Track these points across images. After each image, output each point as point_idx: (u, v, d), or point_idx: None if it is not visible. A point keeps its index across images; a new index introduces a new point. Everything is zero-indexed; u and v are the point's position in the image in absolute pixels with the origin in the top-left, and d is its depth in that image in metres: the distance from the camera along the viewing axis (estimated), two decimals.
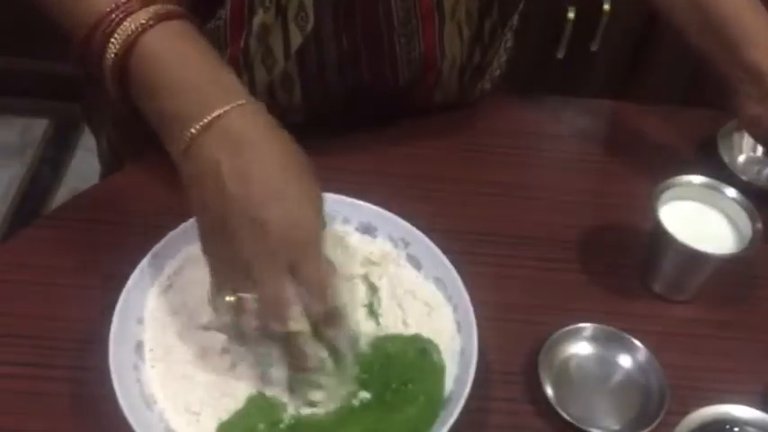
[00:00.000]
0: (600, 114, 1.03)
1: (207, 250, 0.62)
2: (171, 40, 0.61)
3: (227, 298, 0.59)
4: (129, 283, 0.67)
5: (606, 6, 1.53)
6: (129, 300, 0.67)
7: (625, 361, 0.74)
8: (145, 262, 0.69)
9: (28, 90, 2.01)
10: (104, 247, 0.77)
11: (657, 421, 0.69)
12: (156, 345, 0.66)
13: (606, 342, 0.75)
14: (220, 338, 0.65)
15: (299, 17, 0.78)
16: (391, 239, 0.74)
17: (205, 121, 0.58)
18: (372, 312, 0.70)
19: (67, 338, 0.71)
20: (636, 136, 0.95)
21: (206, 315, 0.64)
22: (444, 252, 0.72)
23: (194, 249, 0.71)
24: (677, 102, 1.05)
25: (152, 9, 0.61)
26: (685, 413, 0.69)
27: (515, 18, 0.93)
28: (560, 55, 1.57)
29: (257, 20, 0.77)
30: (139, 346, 0.66)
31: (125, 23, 0.60)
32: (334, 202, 0.74)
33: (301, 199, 0.59)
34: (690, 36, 0.84)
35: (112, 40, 0.60)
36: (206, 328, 0.65)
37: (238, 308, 0.59)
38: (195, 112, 0.58)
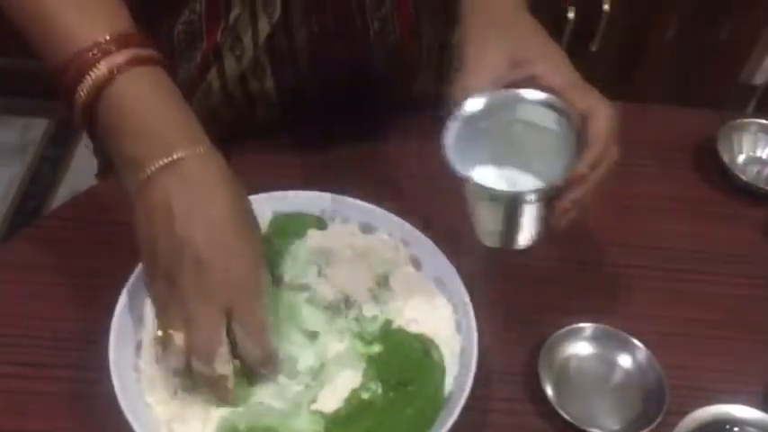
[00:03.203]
0: None
1: (149, 287, 0.63)
2: (140, 88, 0.61)
3: (157, 332, 0.62)
4: (129, 283, 0.67)
5: (606, 6, 1.53)
6: (129, 300, 0.67)
7: (625, 361, 0.74)
8: None
9: (28, 90, 2.01)
10: (104, 247, 0.77)
11: (657, 421, 0.69)
12: (156, 345, 0.66)
13: (606, 342, 0.75)
14: None
15: (267, 5, 0.79)
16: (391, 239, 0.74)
17: (161, 163, 0.59)
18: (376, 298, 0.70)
19: (68, 338, 0.71)
20: (635, 136, 0.95)
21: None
22: (444, 252, 0.72)
23: None
24: (677, 102, 1.05)
25: (128, 53, 0.61)
26: (685, 413, 0.69)
27: None
28: None
29: (233, 14, 0.78)
30: (139, 346, 0.66)
31: (99, 65, 0.60)
32: (335, 202, 0.74)
33: (245, 245, 0.61)
34: None
35: (85, 79, 0.60)
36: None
37: (164, 344, 0.61)
38: (154, 154, 0.60)
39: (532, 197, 0.64)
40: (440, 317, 0.70)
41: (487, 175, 0.66)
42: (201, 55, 0.81)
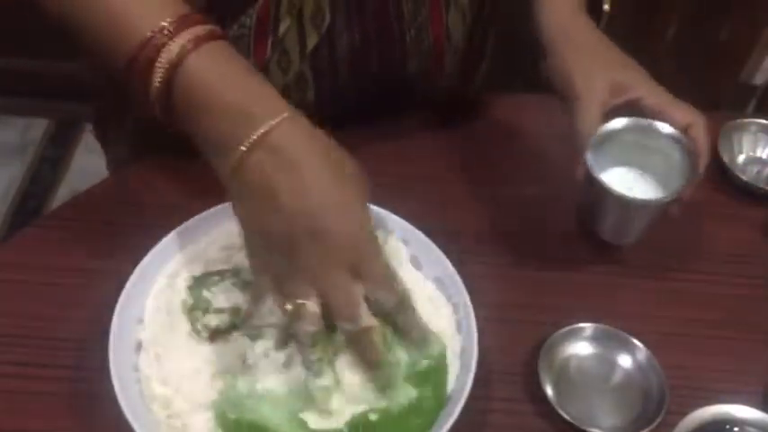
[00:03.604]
0: None
1: (260, 265, 0.63)
2: (213, 63, 0.61)
3: (287, 306, 0.60)
4: (129, 283, 0.67)
5: (606, 6, 1.53)
6: (129, 300, 0.67)
7: (625, 361, 0.74)
8: (145, 262, 0.69)
9: (28, 90, 2.01)
10: (104, 247, 0.77)
11: (657, 421, 0.69)
12: (155, 345, 0.66)
13: (606, 342, 0.75)
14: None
15: (316, 17, 0.79)
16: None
17: (253, 138, 0.58)
18: None
19: (67, 338, 0.71)
20: None
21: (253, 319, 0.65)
22: (444, 252, 0.72)
23: (195, 248, 0.71)
24: None
25: (192, 32, 0.60)
26: (685, 413, 0.69)
27: None
28: None
29: (282, 27, 0.78)
30: (139, 346, 0.66)
31: (168, 48, 0.59)
32: None
33: (355, 204, 0.61)
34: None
35: (157, 65, 0.60)
36: (249, 331, 0.65)
37: (296, 314, 0.60)
38: (242, 131, 0.59)
39: (663, 203, 0.77)
40: (440, 317, 0.70)
41: (613, 181, 0.77)
42: None
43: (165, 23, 0.60)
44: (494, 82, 1.03)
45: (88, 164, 1.05)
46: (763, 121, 0.95)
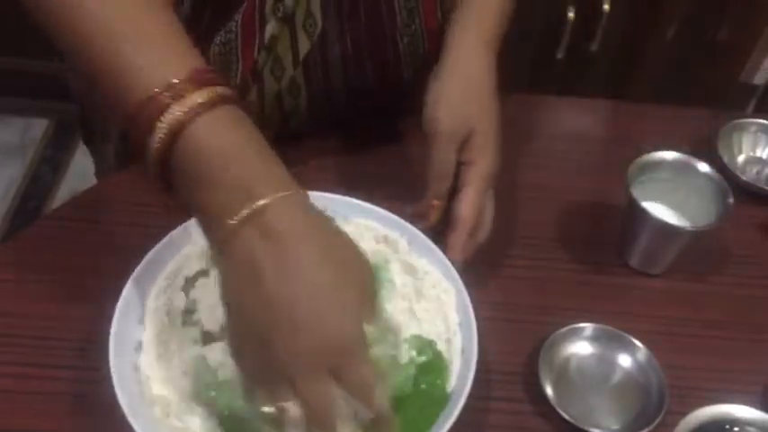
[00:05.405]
0: (599, 114, 1.03)
1: (239, 352, 0.58)
2: (217, 131, 0.56)
3: (266, 409, 0.56)
4: (129, 283, 0.67)
5: (606, 6, 1.53)
6: (129, 300, 0.67)
7: (625, 361, 0.74)
8: (145, 262, 0.69)
9: (28, 90, 2.01)
10: (104, 247, 0.77)
11: (657, 421, 0.69)
12: (156, 345, 0.66)
13: (606, 342, 0.75)
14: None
15: (306, 23, 0.78)
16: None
17: (245, 213, 0.54)
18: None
19: (67, 338, 0.71)
20: (635, 136, 0.95)
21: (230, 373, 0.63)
22: (444, 252, 0.72)
23: (194, 249, 0.71)
24: (677, 102, 1.05)
25: (203, 94, 0.56)
26: (685, 413, 0.69)
27: None
28: (560, 55, 1.57)
29: (269, 30, 0.77)
30: (139, 347, 0.66)
31: (173, 108, 0.55)
32: (336, 203, 0.74)
33: (344, 301, 0.55)
34: None
35: (159, 124, 0.55)
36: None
37: (280, 418, 0.56)
38: (236, 204, 0.54)
39: (698, 232, 0.79)
40: (441, 316, 0.70)
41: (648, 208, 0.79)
42: (241, 77, 0.80)
43: (175, 80, 0.56)
44: None
45: (88, 164, 1.05)
46: (763, 121, 0.95)
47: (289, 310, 0.53)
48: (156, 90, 0.55)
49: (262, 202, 0.54)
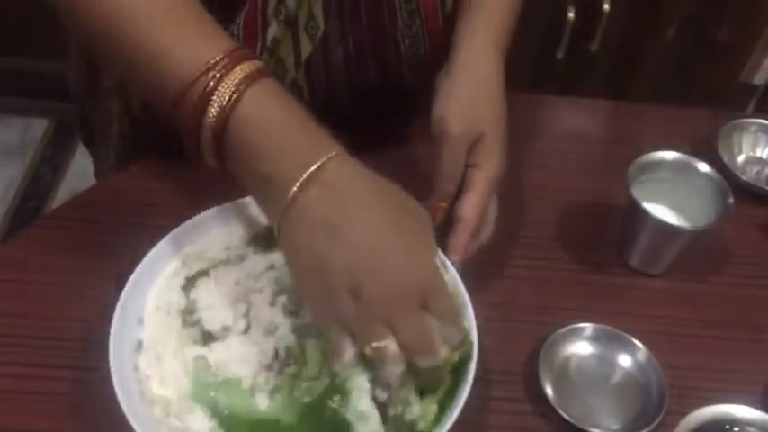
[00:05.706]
0: (599, 114, 1.03)
1: (324, 312, 0.59)
2: (264, 103, 0.59)
3: (366, 351, 0.57)
4: (129, 283, 0.67)
5: (606, 6, 1.53)
6: (129, 300, 0.67)
7: (625, 361, 0.74)
8: (145, 262, 0.69)
9: (28, 90, 2.01)
10: (104, 247, 0.77)
11: (657, 421, 0.69)
12: (156, 345, 0.66)
13: (606, 342, 0.75)
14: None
15: (309, 25, 0.78)
16: None
17: (302, 178, 0.57)
18: None
19: (67, 338, 0.71)
20: (635, 136, 0.95)
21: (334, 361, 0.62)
22: (445, 252, 0.72)
23: (194, 249, 0.71)
24: (677, 101, 1.05)
25: (244, 68, 0.58)
26: (685, 413, 0.69)
27: None
28: (560, 55, 1.57)
29: (271, 32, 0.77)
30: (139, 346, 0.66)
31: (221, 88, 0.57)
32: None
33: (417, 240, 0.60)
34: None
35: (209, 105, 0.58)
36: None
37: (378, 359, 0.58)
38: (292, 171, 0.57)
39: (699, 232, 0.79)
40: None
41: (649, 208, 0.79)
42: None
43: (215, 60, 0.58)
44: None
45: (88, 164, 1.05)
46: (763, 121, 0.95)
47: (372, 255, 0.57)
48: (199, 72, 0.58)
49: (316, 164, 0.57)
